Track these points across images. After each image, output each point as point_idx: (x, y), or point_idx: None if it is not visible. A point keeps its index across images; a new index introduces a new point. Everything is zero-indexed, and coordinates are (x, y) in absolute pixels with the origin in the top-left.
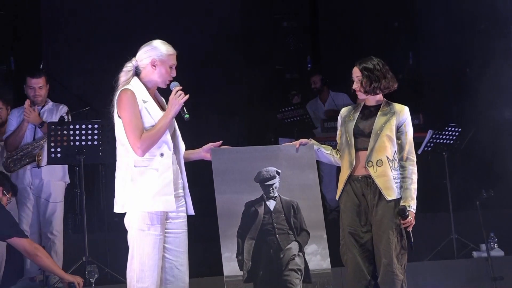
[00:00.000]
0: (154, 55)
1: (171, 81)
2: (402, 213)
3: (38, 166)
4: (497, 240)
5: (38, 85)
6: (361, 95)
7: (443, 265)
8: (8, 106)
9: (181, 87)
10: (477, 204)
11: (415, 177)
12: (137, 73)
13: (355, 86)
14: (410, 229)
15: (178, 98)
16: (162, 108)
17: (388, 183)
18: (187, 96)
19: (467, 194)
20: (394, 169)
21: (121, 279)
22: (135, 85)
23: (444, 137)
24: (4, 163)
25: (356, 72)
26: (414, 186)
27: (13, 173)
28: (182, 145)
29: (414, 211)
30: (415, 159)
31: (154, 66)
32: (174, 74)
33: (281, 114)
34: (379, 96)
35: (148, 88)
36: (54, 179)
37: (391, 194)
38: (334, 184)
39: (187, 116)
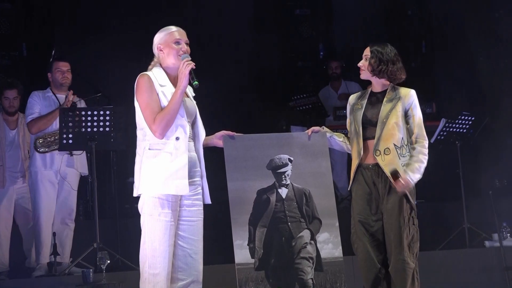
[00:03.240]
0: (157, 42)
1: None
2: (393, 174)
3: (71, 154)
4: (509, 230)
5: (66, 68)
6: (364, 74)
7: (455, 255)
8: (20, 95)
9: (189, 58)
10: (490, 193)
11: (422, 156)
12: None
13: (361, 63)
14: (400, 190)
15: (183, 69)
16: (186, 93)
17: None
18: (192, 64)
19: (479, 183)
20: (403, 156)
21: (132, 266)
22: (155, 71)
23: (457, 126)
24: (36, 142)
25: (366, 51)
26: (418, 163)
27: (41, 154)
28: (202, 133)
29: (411, 181)
30: (425, 141)
31: (162, 50)
32: (184, 48)
33: (293, 102)
34: (385, 81)
35: (169, 74)
36: (80, 169)
37: None
38: (345, 173)
39: (196, 83)
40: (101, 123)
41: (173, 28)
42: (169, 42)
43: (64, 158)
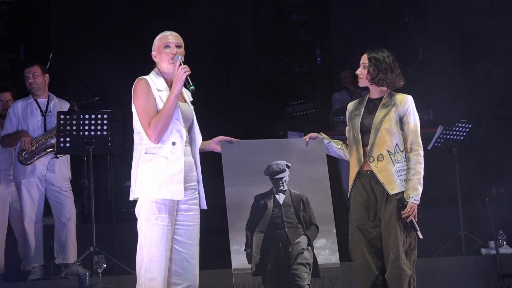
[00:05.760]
0: (152, 49)
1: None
2: (400, 203)
3: (57, 157)
4: (506, 237)
5: (31, 72)
6: (362, 82)
7: (451, 262)
8: (14, 98)
9: (182, 59)
10: (486, 200)
11: (419, 167)
12: None
13: (359, 71)
14: (409, 220)
15: (179, 73)
16: (183, 98)
17: (390, 177)
18: (189, 71)
19: (476, 190)
20: (397, 162)
21: (128, 270)
22: (152, 75)
23: (454, 133)
24: (19, 156)
25: (364, 59)
26: (417, 177)
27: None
28: (198, 138)
29: (416, 202)
30: (419, 149)
31: (155, 57)
32: (173, 51)
33: (290, 108)
34: (383, 88)
35: (166, 79)
36: (64, 173)
37: (394, 188)
38: None
39: (192, 88)
40: (99, 127)
41: (166, 32)
42: (159, 47)
43: (49, 163)
